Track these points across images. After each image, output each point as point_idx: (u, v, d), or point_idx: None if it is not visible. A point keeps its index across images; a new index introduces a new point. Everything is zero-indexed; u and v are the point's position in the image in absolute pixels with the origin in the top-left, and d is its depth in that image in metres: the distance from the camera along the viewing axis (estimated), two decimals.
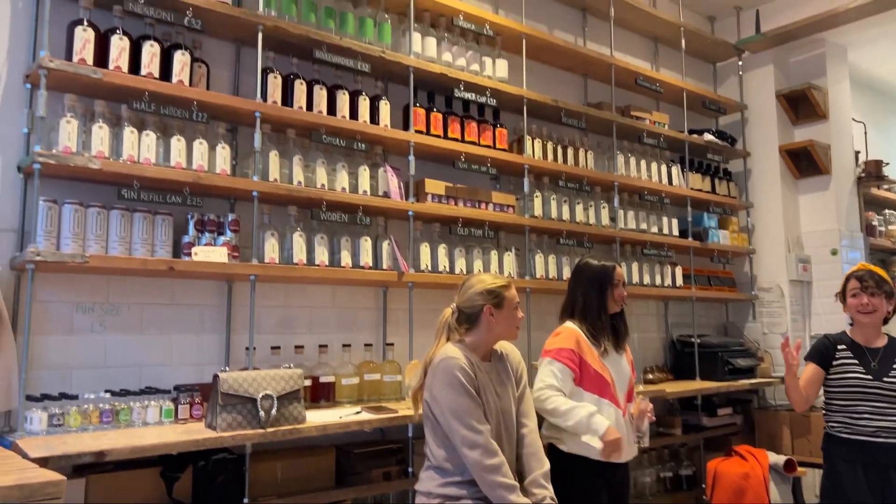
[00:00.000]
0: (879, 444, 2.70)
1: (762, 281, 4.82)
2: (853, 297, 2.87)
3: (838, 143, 4.90)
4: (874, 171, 5.03)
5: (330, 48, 2.92)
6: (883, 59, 5.63)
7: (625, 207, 4.08)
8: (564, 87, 4.18)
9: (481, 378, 2.40)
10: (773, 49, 4.93)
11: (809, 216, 4.89)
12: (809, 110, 4.86)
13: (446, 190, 3.27)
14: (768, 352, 4.62)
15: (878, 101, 6.30)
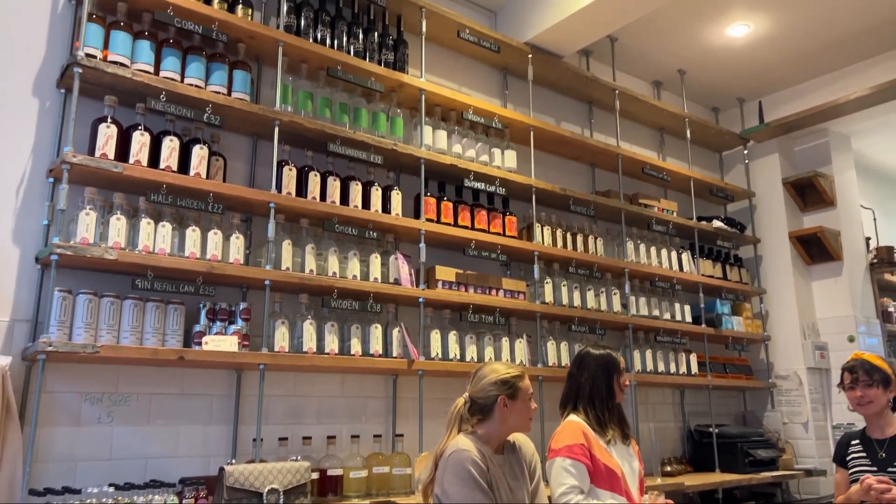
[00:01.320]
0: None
1: (779, 368, 4.73)
2: (849, 390, 2.79)
3: (848, 229, 4.92)
4: (886, 256, 5.02)
5: (344, 141, 3.01)
6: (887, 147, 5.72)
7: (636, 294, 4.07)
8: (572, 176, 4.26)
9: (494, 472, 2.33)
10: (778, 138, 5.03)
11: (824, 302, 4.85)
12: (817, 197, 4.91)
13: (456, 276, 3.29)
14: (790, 442, 4.48)
15: (886, 187, 6.36)
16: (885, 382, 2.74)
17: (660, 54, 4.57)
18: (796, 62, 4.64)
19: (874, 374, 2.75)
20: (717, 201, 4.98)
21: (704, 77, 4.84)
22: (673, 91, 4.94)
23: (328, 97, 3.09)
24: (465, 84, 3.84)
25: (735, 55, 4.55)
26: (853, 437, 2.83)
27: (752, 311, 4.82)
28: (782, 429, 4.57)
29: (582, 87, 4.29)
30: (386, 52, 3.30)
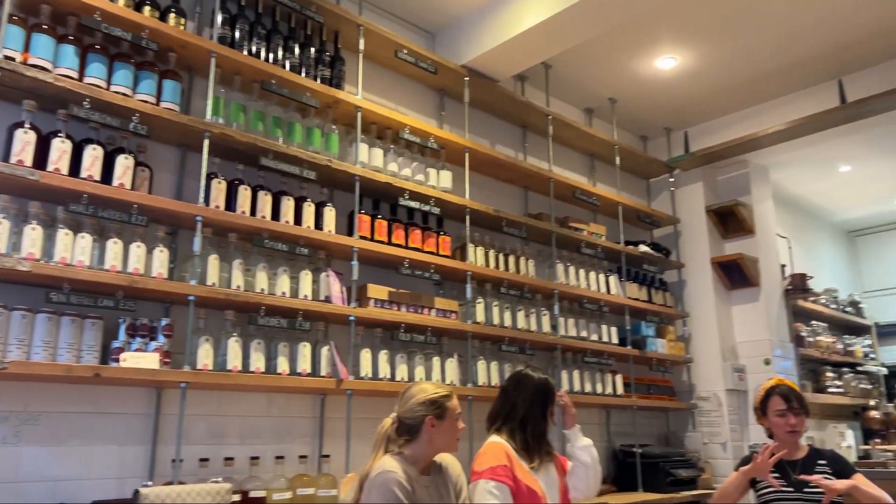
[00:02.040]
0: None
1: (700, 390, 4.89)
2: (779, 416, 2.87)
3: (766, 256, 5.15)
4: (800, 283, 5.27)
5: (276, 156, 2.97)
6: (801, 180, 6.04)
7: (565, 315, 4.14)
8: (506, 198, 4.32)
9: (420, 493, 2.32)
10: (702, 167, 5.24)
11: (742, 326, 5.05)
12: (737, 225, 5.13)
13: (389, 295, 3.28)
14: (709, 462, 4.62)
15: (800, 217, 6.70)
16: (807, 412, 2.88)
17: (592, 83, 4.70)
18: (720, 95, 4.85)
19: (803, 403, 2.88)
20: (643, 226, 5.14)
21: (634, 106, 5.00)
22: (604, 119, 5.09)
23: (261, 111, 3.04)
24: (402, 103, 3.85)
25: (663, 86, 4.73)
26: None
27: (675, 333, 4.97)
28: (702, 449, 4.72)
29: (517, 112, 4.38)
30: (322, 67, 3.28)
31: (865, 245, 7.44)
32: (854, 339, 6.16)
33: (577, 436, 2.75)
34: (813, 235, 6.86)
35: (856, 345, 6.08)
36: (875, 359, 6.34)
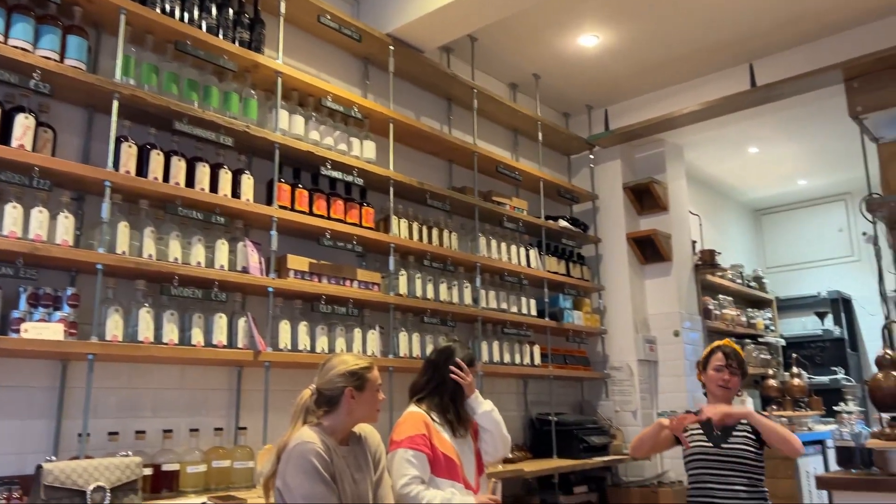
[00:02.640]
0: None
1: (614, 360, 5.08)
2: (716, 370, 3.01)
3: (678, 232, 5.36)
4: (709, 259, 5.52)
5: (191, 120, 2.86)
6: (713, 160, 6.30)
7: (486, 288, 4.20)
8: (430, 171, 4.32)
9: (338, 463, 2.32)
10: (621, 145, 5.38)
11: (654, 299, 5.26)
12: (652, 202, 5.31)
13: (310, 266, 3.23)
14: (620, 429, 4.82)
15: (711, 196, 7.00)
16: (743, 374, 3.03)
17: (517, 58, 4.73)
18: (639, 75, 4.98)
19: (742, 367, 3.03)
20: (564, 202, 5.25)
21: (557, 83, 5.07)
22: (528, 94, 5.14)
23: (175, 72, 2.91)
24: (324, 70, 3.77)
25: (585, 64, 4.81)
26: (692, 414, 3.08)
27: (591, 306, 5.13)
28: (614, 416, 4.92)
29: (442, 84, 4.36)
30: (241, 30, 3.16)
31: (770, 223, 7.86)
32: (756, 313, 6.52)
33: (477, 402, 2.81)
34: (722, 213, 7.19)
35: (758, 318, 6.44)
36: (775, 331, 6.74)
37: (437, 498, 2.56)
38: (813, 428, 5.07)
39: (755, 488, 2.80)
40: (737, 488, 2.79)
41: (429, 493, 2.56)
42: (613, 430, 4.78)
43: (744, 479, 2.80)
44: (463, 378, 2.77)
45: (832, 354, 6.54)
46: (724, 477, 2.83)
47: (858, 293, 6.79)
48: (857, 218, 6.79)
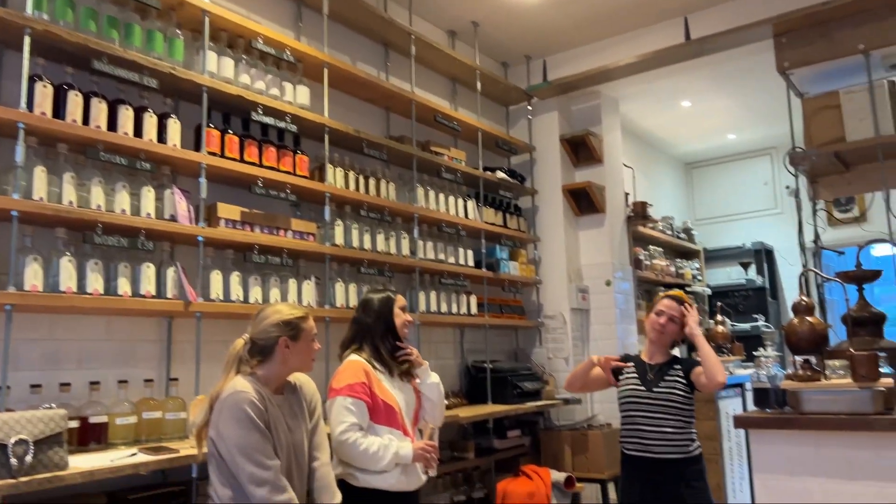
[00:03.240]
0: (651, 460, 2.94)
1: (547, 309, 5.19)
2: (657, 314, 3.12)
3: (612, 185, 5.46)
4: (641, 211, 5.65)
5: (112, 59, 2.71)
6: (647, 113, 6.40)
7: (424, 238, 4.20)
8: (367, 119, 4.24)
9: (272, 412, 2.32)
10: (558, 97, 5.40)
11: (588, 250, 5.38)
12: (588, 154, 5.38)
13: (241, 215, 3.15)
14: (552, 375, 4.97)
15: (644, 149, 7.14)
16: (682, 323, 3.10)
17: (455, 4, 4.64)
18: (578, 26, 4.97)
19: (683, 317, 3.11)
20: (501, 153, 5.26)
21: (496, 32, 5.02)
22: (467, 42, 5.07)
23: (94, 8, 2.74)
24: (255, 11, 3.62)
25: (524, 13, 4.76)
26: (630, 360, 3.18)
27: (527, 256, 5.20)
28: (547, 363, 5.06)
29: (379, 29, 4.25)
30: None
31: (700, 177, 8.09)
32: (685, 263, 6.75)
33: (426, 373, 2.87)
34: (655, 166, 7.34)
35: (686, 268, 6.67)
36: (701, 280, 7.00)
37: (374, 445, 2.60)
38: (734, 372, 5.33)
39: (684, 430, 2.93)
40: (666, 430, 2.92)
41: (366, 441, 2.59)
42: (546, 376, 4.92)
43: (673, 421, 2.93)
44: (408, 354, 2.81)
45: (754, 303, 6.85)
46: (655, 419, 2.95)
47: (780, 244, 7.10)
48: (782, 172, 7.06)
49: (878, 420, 2.46)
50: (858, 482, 2.50)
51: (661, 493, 2.89)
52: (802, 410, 2.64)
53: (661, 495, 2.88)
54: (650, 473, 2.93)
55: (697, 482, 2.89)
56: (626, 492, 3.04)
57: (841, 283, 3.18)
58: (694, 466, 2.92)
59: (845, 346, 3.12)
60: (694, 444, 2.95)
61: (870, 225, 5.36)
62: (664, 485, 2.89)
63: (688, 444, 2.93)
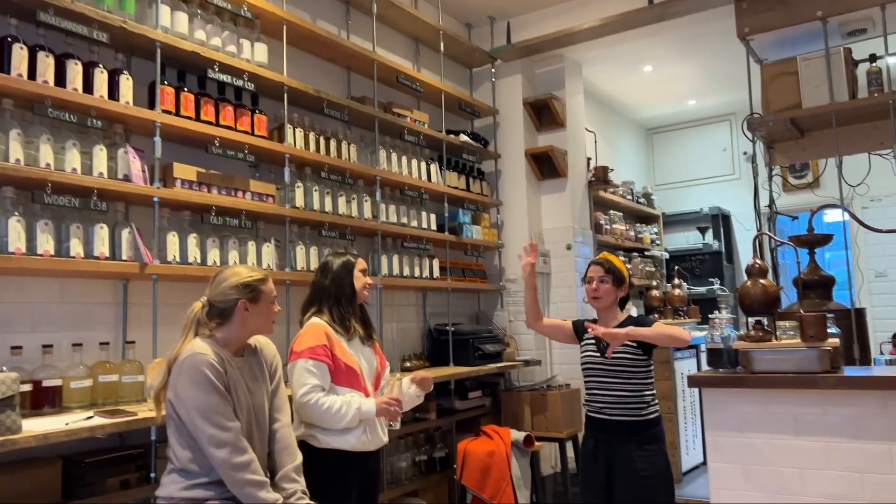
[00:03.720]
0: (605, 420, 3.02)
1: (509, 273, 5.23)
2: (587, 282, 3.14)
3: (574, 149, 5.48)
4: (602, 175, 5.69)
5: (58, 11, 2.59)
6: (610, 77, 6.41)
7: (386, 202, 4.17)
8: (327, 79, 4.16)
9: (232, 374, 2.30)
10: (521, 60, 5.36)
11: (549, 214, 5.41)
12: (550, 118, 5.38)
13: (198, 176, 3.08)
14: (513, 338, 5.03)
15: (606, 113, 7.16)
16: (617, 282, 3.13)
17: None
18: None
19: (610, 273, 3.14)
20: (465, 116, 5.22)
21: None
22: (430, 2, 4.98)
23: None
24: None
25: None
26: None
27: (489, 221, 5.21)
28: (508, 326, 5.11)
29: None
30: None
31: (660, 142, 8.17)
32: (644, 228, 6.85)
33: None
34: (616, 131, 7.39)
35: (645, 232, 6.78)
36: (660, 245, 7.13)
37: (336, 402, 2.61)
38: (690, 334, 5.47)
39: (638, 394, 2.99)
40: (621, 393, 2.99)
41: (328, 399, 2.61)
42: (507, 338, 4.98)
43: (628, 385, 2.99)
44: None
45: (710, 267, 7.00)
46: (610, 383, 3.01)
47: (737, 209, 7.25)
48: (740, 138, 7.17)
49: (824, 378, 2.55)
50: (805, 438, 2.60)
51: (613, 451, 2.96)
52: (753, 370, 2.72)
53: (613, 454, 2.96)
54: (606, 433, 3.00)
55: (651, 445, 2.94)
56: (584, 448, 3.12)
57: (793, 247, 3.26)
58: (649, 430, 2.97)
59: (796, 308, 3.22)
60: (650, 408, 3.00)
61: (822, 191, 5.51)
62: (617, 444, 2.96)
63: (643, 406, 2.98)
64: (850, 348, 3.11)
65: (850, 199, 4.95)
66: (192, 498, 2.20)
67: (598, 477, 3.00)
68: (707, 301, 6.13)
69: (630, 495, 2.89)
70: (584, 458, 3.11)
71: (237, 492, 2.19)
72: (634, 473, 2.89)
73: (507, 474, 3.72)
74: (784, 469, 2.62)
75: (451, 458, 4.24)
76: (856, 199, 5.60)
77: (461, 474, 3.80)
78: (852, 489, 2.47)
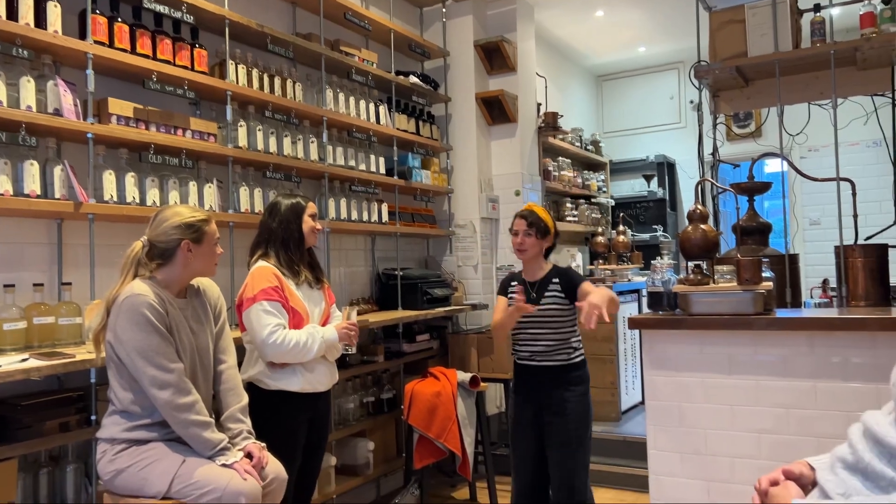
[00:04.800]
0: (535, 367, 3.09)
1: (458, 218, 5.23)
2: (514, 235, 3.15)
3: (525, 94, 5.44)
4: (551, 121, 5.70)
5: None
6: (561, 22, 6.35)
7: (334, 144, 4.09)
8: (271, 13, 4.00)
9: (174, 315, 2.27)
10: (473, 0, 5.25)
11: (499, 160, 5.40)
12: (501, 62, 5.31)
13: (135, 112, 2.96)
14: (461, 282, 5.07)
15: (557, 59, 7.12)
16: (541, 233, 3.14)
17: None
18: None
19: (535, 226, 3.16)
20: (415, 57, 5.12)
21: None
22: None
23: None
24: None
25: None
26: (513, 279, 3.24)
27: (439, 165, 5.18)
28: (456, 271, 5.15)
29: None
30: None
31: (609, 89, 8.19)
32: (591, 175, 6.92)
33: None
34: (566, 77, 7.37)
35: (592, 179, 6.84)
36: (606, 192, 7.22)
37: (302, 336, 2.63)
38: (632, 279, 5.62)
39: (565, 341, 3.07)
40: (550, 342, 3.05)
41: (294, 335, 2.62)
42: (455, 283, 5.02)
43: (556, 334, 3.06)
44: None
45: (654, 214, 7.15)
46: (539, 334, 3.07)
47: (682, 158, 7.37)
48: (687, 86, 7.26)
49: (757, 320, 2.66)
50: (737, 377, 2.72)
51: (542, 394, 3.05)
52: (691, 312, 2.82)
53: (543, 398, 3.05)
54: (537, 377, 3.07)
55: (577, 387, 3.05)
56: (515, 393, 3.19)
57: (734, 194, 3.35)
58: (575, 372, 3.07)
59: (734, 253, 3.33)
60: (576, 353, 3.09)
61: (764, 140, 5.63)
62: (547, 388, 3.05)
63: (570, 352, 3.08)
64: (783, 292, 3.23)
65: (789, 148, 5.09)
66: (134, 439, 2.19)
67: (528, 420, 3.08)
68: (650, 247, 6.27)
69: (559, 433, 3.01)
70: (515, 404, 3.16)
71: (182, 432, 2.18)
72: (563, 413, 3.01)
73: (454, 414, 3.80)
74: (717, 406, 2.74)
75: (399, 399, 4.30)
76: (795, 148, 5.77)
77: (408, 414, 3.86)
78: (779, 423, 2.61)
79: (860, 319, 2.53)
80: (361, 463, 4.00)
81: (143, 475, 2.15)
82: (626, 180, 7.48)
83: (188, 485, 2.11)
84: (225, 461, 2.18)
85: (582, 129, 6.87)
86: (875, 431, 1.41)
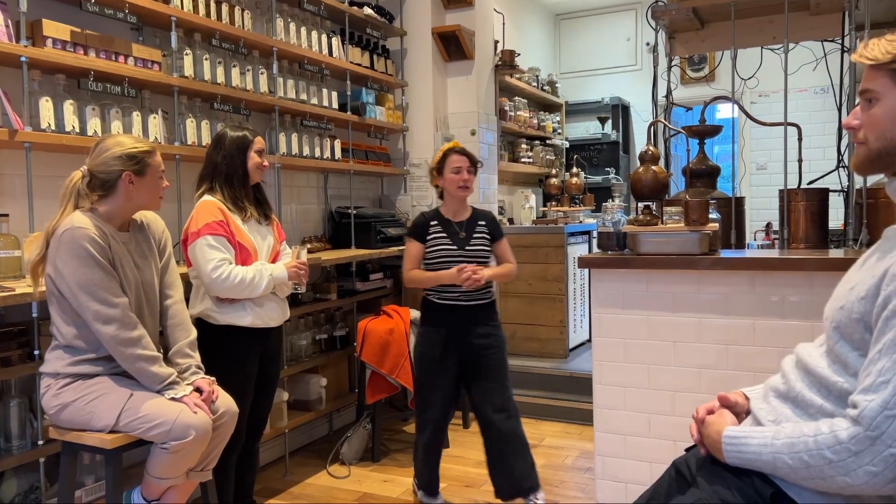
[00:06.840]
0: (462, 307, 3.12)
1: (413, 157, 5.18)
2: (455, 172, 3.11)
3: (482, 30, 5.34)
4: (509, 60, 5.62)
5: None
6: None
7: (284, 76, 3.97)
8: None
9: (117, 249, 2.21)
10: None
11: (455, 98, 5.33)
12: None
13: (72, 35, 2.80)
14: None
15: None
16: (475, 171, 3.16)
17: None
18: None
19: (474, 165, 3.16)
20: None
21: None
22: None
23: None
24: None
25: None
26: (432, 219, 3.20)
27: (394, 102, 5.08)
28: (411, 210, 5.12)
29: None
30: None
31: (567, 29, 8.10)
32: (547, 116, 6.90)
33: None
34: (525, 15, 7.24)
35: (547, 121, 6.83)
36: (561, 134, 7.22)
37: (249, 272, 2.60)
38: (584, 221, 5.69)
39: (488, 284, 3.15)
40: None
41: (240, 270, 2.58)
42: (409, 222, 4.99)
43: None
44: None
45: (608, 156, 7.20)
46: None
47: (636, 101, 7.39)
48: (644, 28, 7.22)
49: (701, 259, 2.73)
50: (681, 314, 2.80)
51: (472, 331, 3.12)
52: (639, 252, 2.87)
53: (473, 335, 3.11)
54: (459, 316, 3.11)
55: (494, 321, 3.20)
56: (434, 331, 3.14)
57: (685, 136, 3.38)
58: (493, 309, 3.23)
59: (683, 195, 3.39)
60: (491, 291, 3.23)
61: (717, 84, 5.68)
62: (479, 323, 3.13)
63: (490, 290, 3.21)
64: (728, 234, 3.32)
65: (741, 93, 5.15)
66: (79, 373, 2.15)
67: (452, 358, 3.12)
68: (603, 190, 6.33)
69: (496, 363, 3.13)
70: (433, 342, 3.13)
71: (129, 367, 2.16)
72: (498, 345, 3.15)
73: (406, 350, 3.84)
74: (660, 342, 2.83)
75: (352, 336, 4.32)
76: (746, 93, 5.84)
77: (361, 351, 3.89)
78: (719, 359, 2.72)
79: (798, 260, 2.62)
80: (314, 398, 4.03)
81: (89, 409, 2.12)
82: (580, 122, 7.49)
83: (136, 418, 2.10)
84: (174, 395, 2.17)
85: (539, 68, 6.80)
86: (806, 362, 1.48)
